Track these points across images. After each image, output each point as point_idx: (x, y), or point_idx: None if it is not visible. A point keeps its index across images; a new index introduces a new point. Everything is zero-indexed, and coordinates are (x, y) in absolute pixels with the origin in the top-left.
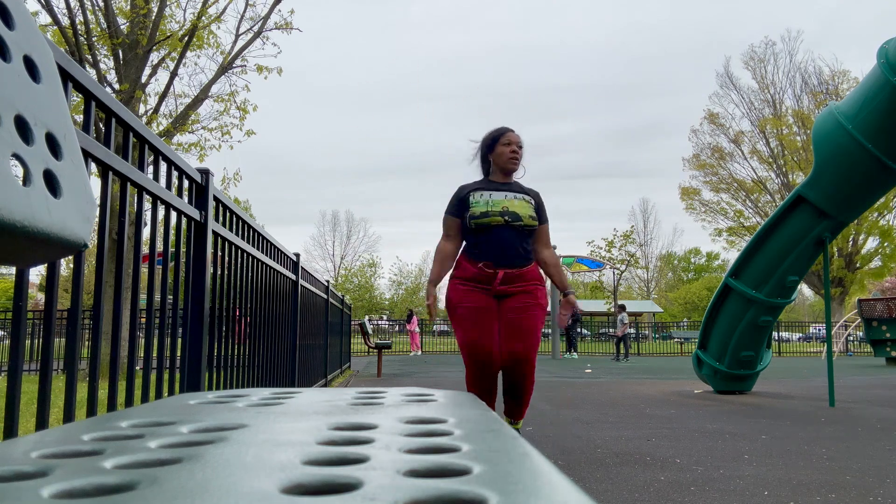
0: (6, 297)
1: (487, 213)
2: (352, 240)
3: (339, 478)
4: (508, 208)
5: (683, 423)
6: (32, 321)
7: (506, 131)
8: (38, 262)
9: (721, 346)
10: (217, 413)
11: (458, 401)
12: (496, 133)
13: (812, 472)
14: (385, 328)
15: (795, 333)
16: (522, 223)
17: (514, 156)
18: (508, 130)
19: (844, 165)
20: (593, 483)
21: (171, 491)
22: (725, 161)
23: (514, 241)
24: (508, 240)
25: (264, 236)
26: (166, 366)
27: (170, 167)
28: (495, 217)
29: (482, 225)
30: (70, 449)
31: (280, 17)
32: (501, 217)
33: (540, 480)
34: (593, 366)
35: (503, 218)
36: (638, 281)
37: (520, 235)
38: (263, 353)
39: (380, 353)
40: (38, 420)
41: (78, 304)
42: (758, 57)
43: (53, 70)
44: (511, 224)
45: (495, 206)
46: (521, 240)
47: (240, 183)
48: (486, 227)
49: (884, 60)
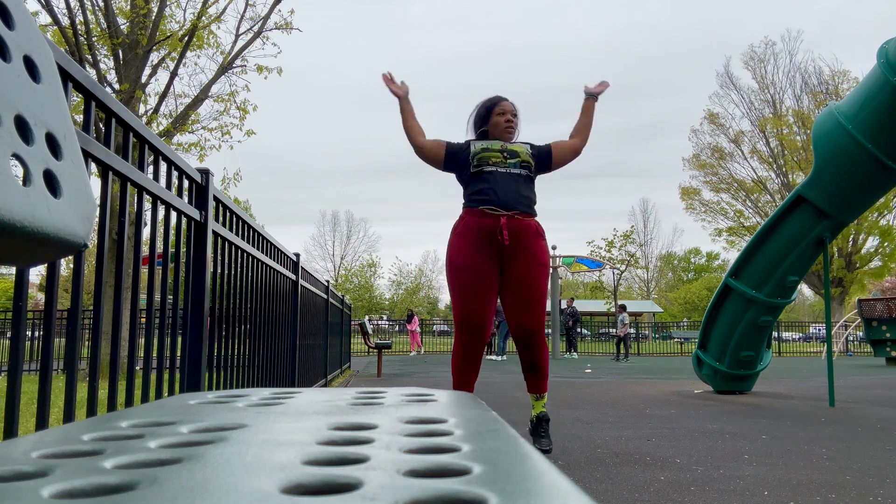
0: (6, 297)
1: (487, 149)
2: (352, 240)
3: (339, 478)
4: (508, 148)
5: (683, 423)
6: (32, 321)
7: (499, 100)
8: (38, 262)
9: (721, 346)
10: (217, 413)
11: (458, 401)
12: (489, 103)
13: (812, 472)
14: (385, 328)
15: (795, 333)
16: (520, 159)
17: (509, 125)
18: (502, 99)
19: (844, 165)
20: (593, 483)
21: (171, 491)
22: (725, 161)
23: (514, 185)
24: (508, 182)
25: (264, 236)
26: (166, 366)
27: (170, 167)
28: (494, 153)
29: (483, 160)
30: (70, 449)
31: (280, 17)
32: (500, 154)
33: (540, 480)
34: (593, 366)
35: (502, 154)
36: (638, 281)
37: (520, 180)
38: (263, 353)
39: (380, 353)
40: (38, 420)
41: (78, 304)
42: (758, 57)
43: (53, 70)
44: (509, 163)
45: (494, 146)
46: (522, 184)
47: (240, 183)
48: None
49: (884, 60)
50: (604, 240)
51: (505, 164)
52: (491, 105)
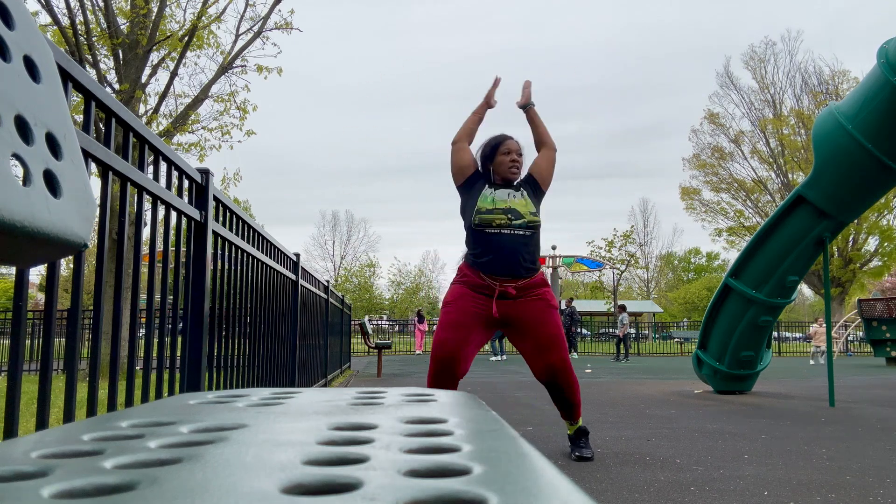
0: (6, 297)
1: (493, 210)
2: (352, 240)
3: (339, 478)
4: (511, 206)
5: (683, 423)
6: (32, 321)
7: (504, 139)
8: (38, 262)
9: (721, 346)
10: (217, 413)
11: (458, 401)
12: (494, 142)
13: (812, 472)
14: (385, 328)
15: (795, 333)
16: (525, 220)
17: (514, 165)
18: (507, 138)
19: (844, 165)
20: (593, 483)
21: (171, 491)
22: (726, 161)
23: (517, 249)
24: (511, 248)
25: (264, 236)
26: (166, 366)
27: (170, 167)
28: (499, 215)
29: (485, 222)
30: (70, 449)
31: (280, 17)
32: (504, 215)
33: (540, 480)
34: (593, 366)
35: (506, 216)
36: (638, 281)
37: (522, 242)
38: (263, 353)
39: (380, 353)
40: (38, 420)
41: (78, 304)
42: (758, 57)
43: (53, 70)
44: (513, 224)
45: (499, 204)
46: (524, 247)
47: (240, 183)
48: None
49: (884, 60)
50: (604, 240)
51: (509, 225)
52: (496, 144)
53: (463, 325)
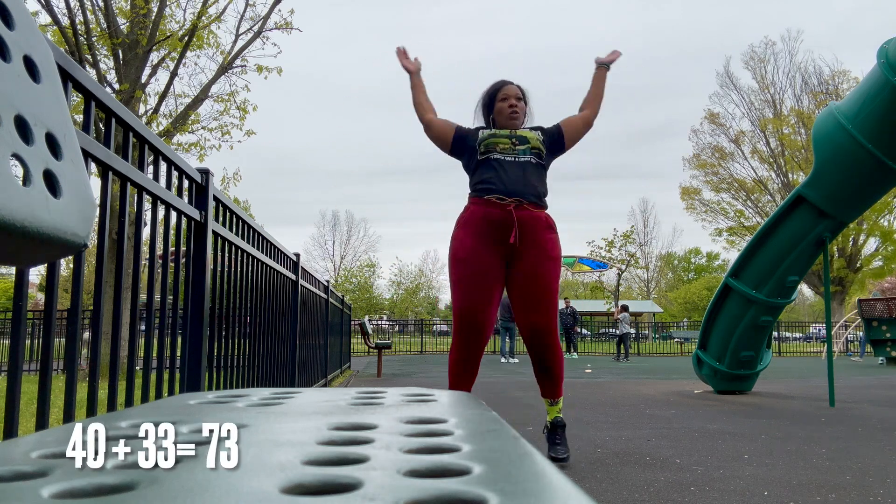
0: (6, 297)
1: (495, 135)
2: (352, 240)
3: (339, 478)
4: (516, 133)
5: (683, 423)
6: (32, 321)
7: (502, 85)
8: (38, 262)
9: (721, 346)
10: (217, 413)
11: (458, 401)
12: (492, 90)
13: (812, 472)
14: (385, 328)
15: (795, 333)
16: (530, 145)
17: (513, 110)
18: (505, 83)
19: (844, 165)
20: (593, 483)
21: (171, 491)
22: (726, 161)
23: (523, 173)
24: (517, 171)
25: (264, 236)
26: (166, 366)
27: (170, 167)
28: (502, 140)
29: (489, 147)
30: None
31: (280, 17)
32: (509, 140)
33: (540, 481)
34: (593, 366)
35: (510, 141)
36: (638, 281)
37: (529, 168)
38: (263, 353)
39: (380, 353)
40: (38, 420)
41: (78, 304)
42: (758, 57)
43: (53, 70)
44: (517, 149)
45: (502, 132)
46: (532, 173)
47: (240, 183)
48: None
49: (884, 60)
50: (604, 240)
51: (514, 151)
52: (494, 91)
53: (486, 283)
